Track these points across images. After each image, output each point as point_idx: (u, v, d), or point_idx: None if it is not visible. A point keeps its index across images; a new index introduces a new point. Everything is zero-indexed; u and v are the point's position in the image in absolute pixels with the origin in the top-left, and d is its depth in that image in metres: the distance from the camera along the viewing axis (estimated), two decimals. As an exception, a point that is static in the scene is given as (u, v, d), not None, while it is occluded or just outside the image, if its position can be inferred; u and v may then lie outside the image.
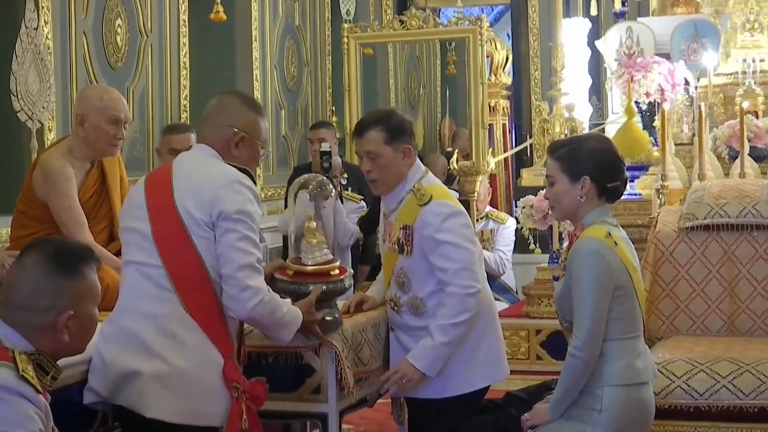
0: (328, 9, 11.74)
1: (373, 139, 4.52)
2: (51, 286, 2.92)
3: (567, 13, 11.63)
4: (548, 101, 10.08)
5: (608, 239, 3.94)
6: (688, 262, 5.50)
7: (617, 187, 4.07)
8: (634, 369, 3.95)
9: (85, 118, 4.73)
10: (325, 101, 11.61)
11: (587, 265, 3.90)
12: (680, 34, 9.18)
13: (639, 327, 4.04)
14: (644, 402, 4.01)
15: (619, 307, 3.93)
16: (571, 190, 4.03)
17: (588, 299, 3.88)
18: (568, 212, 4.12)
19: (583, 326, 3.88)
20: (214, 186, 3.71)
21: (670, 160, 7.31)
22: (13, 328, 2.90)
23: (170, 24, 8.60)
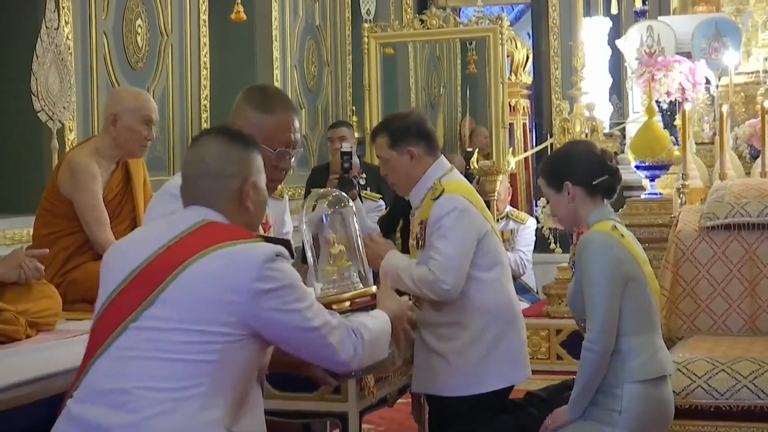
0: (349, 9, 11.75)
1: (380, 145, 4.68)
2: (234, 153, 2.97)
3: (587, 11, 11.61)
4: (569, 100, 10.05)
5: (614, 232, 3.96)
6: (709, 262, 5.48)
7: (606, 182, 4.07)
8: (656, 362, 3.94)
9: (119, 117, 4.75)
10: (345, 101, 11.62)
11: (596, 258, 3.91)
12: (701, 32, 9.14)
13: (655, 321, 4.03)
14: (663, 401, 3.99)
15: (632, 300, 3.93)
16: (560, 200, 4.09)
17: (599, 291, 3.88)
18: (569, 221, 4.17)
19: (596, 319, 3.88)
20: None
21: (691, 159, 7.29)
22: (207, 206, 2.94)
23: (191, 24, 8.62)
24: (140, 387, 2.72)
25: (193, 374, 2.74)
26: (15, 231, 6.37)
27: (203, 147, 3.01)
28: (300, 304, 2.86)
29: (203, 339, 2.75)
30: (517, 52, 13.74)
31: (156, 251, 2.85)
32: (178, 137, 8.47)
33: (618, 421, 3.89)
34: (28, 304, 3.96)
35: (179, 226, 2.90)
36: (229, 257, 2.80)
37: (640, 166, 7.55)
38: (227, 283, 2.78)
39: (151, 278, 2.81)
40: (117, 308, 2.83)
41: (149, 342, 2.76)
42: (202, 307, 2.76)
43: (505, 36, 9.38)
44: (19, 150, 6.80)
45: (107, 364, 2.80)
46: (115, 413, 2.72)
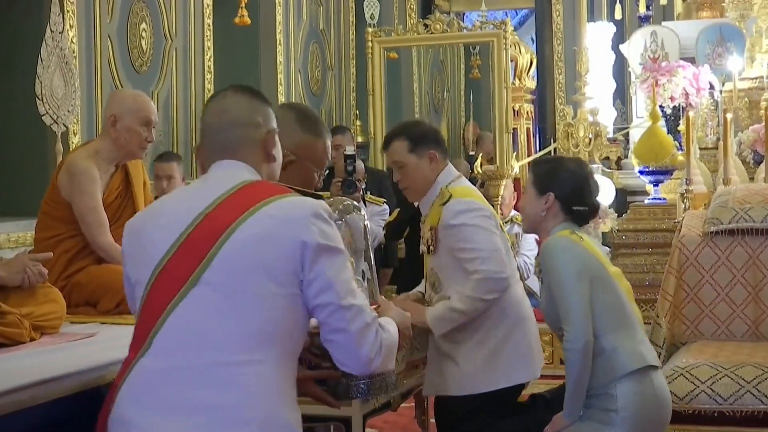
0: (352, 13, 11.76)
1: (398, 150, 4.68)
2: (257, 105, 3.02)
3: (591, 17, 11.63)
4: (572, 105, 10.06)
5: (574, 235, 4.08)
6: (712, 267, 5.48)
7: (584, 212, 4.20)
8: (638, 354, 3.99)
9: (119, 118, 4.75)
10: (349, 105, 11.62)
11: (560, 259, 4.01)
12: (705, 38, 9.15)
13: (631, 317, 4.08)
14: (658, 395, 4.01)
15: (603, 299, 4.00)
16: (535, 203, 4.21)
17: (568, 289, 3.96)
18: (531, 224, 4.29)
19: (570, 317, 3.94)
20: None
21: (695, 164, 7.29)
22: (235, 157, 2.94)
23: (195, 28, 8.63)
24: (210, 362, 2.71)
25: (262, 342, 2.72)
26: (19, 234, 6.38)
27: (226, 99, 3.04)
28: (344, 273, 2.82)
29: (267, 302, 2.73)
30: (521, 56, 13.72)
31: (200, 214, 2.81)
32: (181, 141, 8.47)
33: (616, 420, 3.92)
34: (32, 308, 3.96)
35: (220, 187, 2.87)
36: (278, 213, 2.78)
37: (643, 171, 7.55)
38: (281, 238, 2.75)
39: (200, 244, 2.77)
40: (171, 275, 2.79)
41: (212, 309, 2.73)
42: (260, 268, 2.73)
43: (509, 41, 9.38)
44: (24, 153, 6.81)
45: (171, 336, 2.76)
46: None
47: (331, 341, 2.83)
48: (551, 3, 12.94)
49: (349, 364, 2.89)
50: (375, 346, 2.84)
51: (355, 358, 2.85)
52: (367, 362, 2.85)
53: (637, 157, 7.54)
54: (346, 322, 2.79)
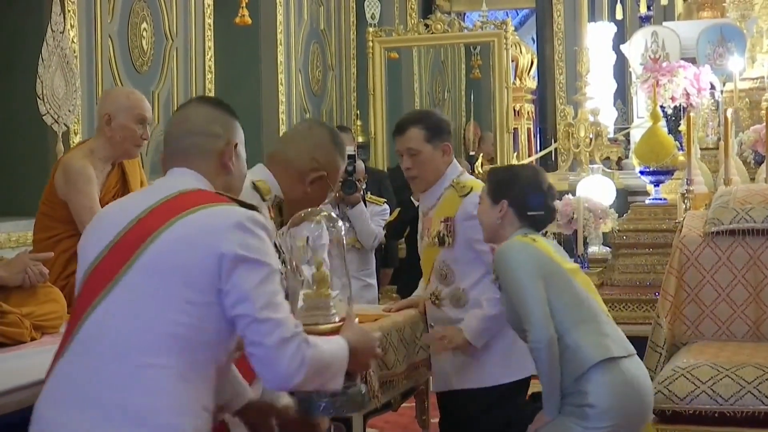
0: (353, 13, 11.76)
1: (414, 137, 4.66)
2: (219, 116, 3.01)
3: (592, 17, 11.63)
4: (573, 105, 10.06)
5: (525, 237, 4.12)
6: (713, 267, 5.47)
7: (539, 217, 4.23)
8: (603, 346, 4.00)
9: (113, 117, 4.75)
10: (349, 105, 11.63)
11: (512, 261, 4.04)
12: (706, 38, 9.14)
13: (593, 312, 4.09)
14: (630, 382, 4.02)
15: (561, 295, 4.03)
16: (490, 212, 4.24)
17: (524, 290, 3.99)
18: (488, 232, 4.30)
19: (530, 316, 3.97)
20: None
21: (696, 164, 7.28)
22: (188, 165, 2.94)
23: (195, 28, 8.63)
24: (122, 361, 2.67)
25: (170, 347, 2.67)
26: (20, 234, 6.38)
27: (189, 109, 3.07)
28: (265, 286, 2.74)
29: (179, 308, 2.68)
30: (522, 57, 13.76)
31: (134, 219, 2.80)
32: (182, 141, 8.46)
33: (591, 415, 3.94)
34: (33, 307, 3.97)
35: (158, 194, 2.87)
36: (202, 221, 2.75)
37: (644, 172, 7.53)
38: (201, 246, 2.71)
39: (128, 248, 2.76)
40: (98, 276, 2.78)
41: (127, 310, 2.70)
42: (177, 273, 2.70)
43: (510, 41, 9.40)
44: (24, 153, 6.81)
45: (88, 337, 2.73)
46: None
47: (251, 355, 2.75)
48: (552, 3, 12.95)
49: (269, 379, 2.80)
50: (294, 361, 2.72)
51: (273, 372, 2.75)
52: (285, 378, 2.74)
53: (638, 158, 7.53)
54: (262, 336, 2.71)
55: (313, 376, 2.79)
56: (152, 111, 8.02)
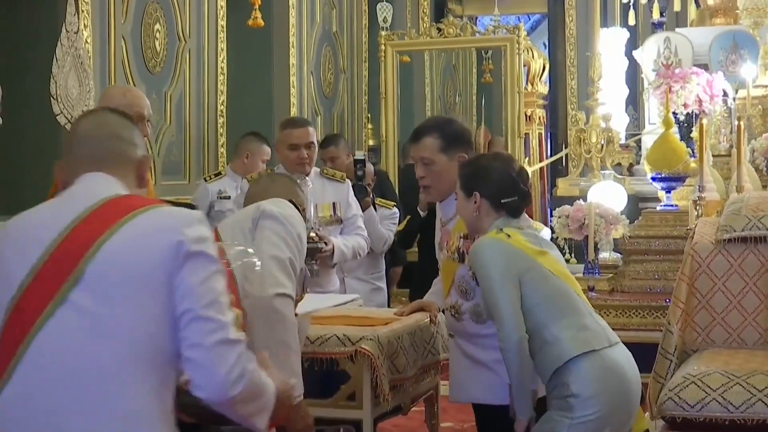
0: (366, 16, 11.77)
1: (428, 146, 4.57)
2: (134, 128, 2.86)
3: (604, 22, 11.61)
4: (585, 111, 10.06)
5: (499, 234, 4.10)
6: (725, 275, 5.45)
7: (514, 203, 4.21)
8: (581, 339, 4.01)
9: None
10: (361, 108, 11.63)
11: (485, 261, 4.04)
12: (719, 45, 9.13)
13: (572, 305, 4.10)
14: (611, 368, 4.03)
15: (537, 292, 4.03)
16: (466, 205, 4.23)
17: (495, 288, 4.00)
18: (469, 227, 4.30)
19: (500, 317, 3.98)
20: None
21: (708, 171, 7.27)
22: (111, 172, 2.74)
23: (208, 29, 8.64)
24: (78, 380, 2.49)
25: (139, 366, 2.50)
26: (31, 233, 6.38)
27: (103, 115, 2.88)
28: (212, 283, 2.58)
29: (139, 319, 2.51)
30: (534, 61, 13.75)
31: (62, 232, 2.57)
32: (194, 142, 8.49)
33: (576, 405, 3.94)
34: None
35: (81, 203, 2.63)
36: (150, 221, 2.59)
37: (656, 178, 7.53)
38: (156, 245, 2.55)
39: (66, 261, 2.54)
40: (32, 297, 2.53)
41: (80, 329, 2.49)
42: (132, 282, 2.52)
43: (522, 46, 9.40)
44: (38, 153, 6.82)
45: (36, 363, 2.51)
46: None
47: (188, 360, 2.54)
48: (564, 8, 12.93)
49: (204, 386, 2.54)
50: (236, 369, 2.53)
51: (210, 378, 2.53)
52: (223, 386, 2.52)
53: (650, 164, 7.53)
54: (202, 335, 2.52)
55: (248, 397, 2.59)
56: (164, 112, 8.08)
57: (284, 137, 5.89)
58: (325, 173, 6.04)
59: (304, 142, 5.80)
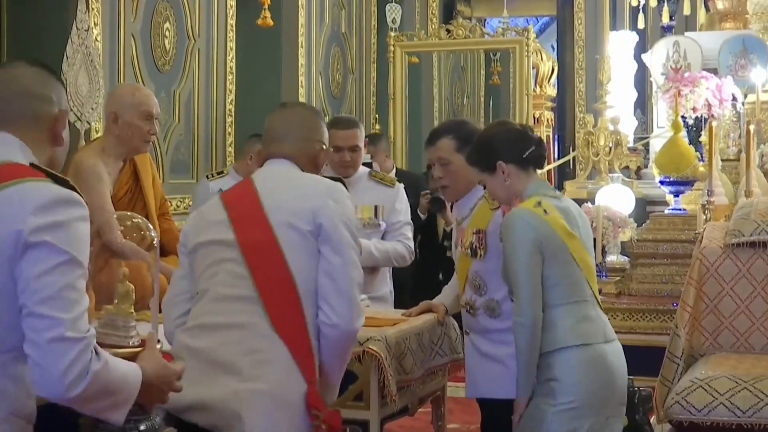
0: (375, 17, 11.77)
1: (445, 147, 4.64)
2: (50, 80, 2.72)
3: (614, 25, 11.61)
4: (593, 114, 10.05)
5: (537, 209, 4.06)
6: (733, 279, 5.45)
7: (534, 153, 4.17)
8: (579, 332, 4.02)
9: (119, 115, 4.75)
10: (369, 109, 11.63)
11: (514, 233, 4.03)
12: (728, 49, 9.13)
13: (582, 292, 4.10)
14: (598, 359, 4.04)
15: (556, 272, 4.03)
16: (496, 182, 4.19)
17: (519, 265, 4.00)
18: (508, 199, 4.25)
19: (519, 292, 4.00)
20: (321, 192, 3.45)
21: (717, 175, 7.26)
22: (14, 132, 2.61)
23: (218, 29, 8.65)
24: None
25: None
26: (40, 230, 6.40)
27: (15, 69, 2.72)
28: (52, 276, 2.43)
29: None
30: (543, 64, 13.76)
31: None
32: (202, 141, 8.49)
33: (557, 389, 3.96)
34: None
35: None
36: (9, 196, 2.46)
37: (664, 182, 7.52)
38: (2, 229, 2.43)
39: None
40: None
41: None
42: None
43: (531, 48, 9.40)
44: (46, 149, 6.82)
45: None
46: None
47: (28, 356, 2.44)
48: (573, 11, 12.94)
49: (41, 385, 2.44)
50: (75, 369, 2.39)
51: (46, 376, 2.41)
52: (61, 384, 2.39)
53: (658, 167, 7.52)
54: (35, 332, 2.40)
55: (96, 396, 2.46)
56: (173, 110, 8.09)
57: (329, 137, 5.69)
58: (373, 176, 5.75)
59: (348, 145, 5.56)
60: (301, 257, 3.34)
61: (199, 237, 3.51)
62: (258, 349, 3.27)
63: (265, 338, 3.27)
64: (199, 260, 3.48)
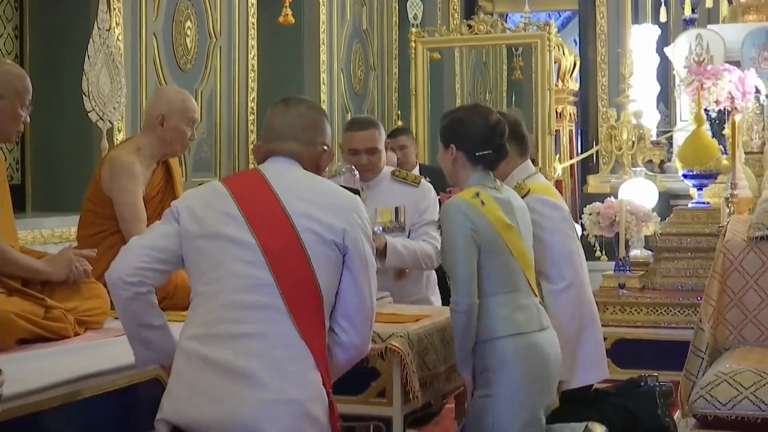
0: (396, 13, 11.76)
1: None
2: None
3: (636, 19, 11.57)
4: (616, 108, 10.02)
5: (474, 199, 4.14)
6: (757, 272, 5.42)
7: (487, 156, 4.23)
8: (513, 321, 4.11)
9: (167, 118, 4.76)
10: (391, 105, 11.62)
11: (451, 223, 4.11)
12: (751, 41, 9.09)
13: (516, 282, 4.18)
14: (532, 347, 4.13)
15: (490, 262, 4.12)
16: (444, 157, 4.30)
17: (455, 254, 4.09)
18: (449, 177, 4.37)
19: (456, 280, 4.09)
20: (346, 206, 3.34)
21: (740, 168, 7.23)
22: None
23: (239, 27, 8.66)
24: None
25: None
26: (63, 229, 6.42)
27: None
28: None
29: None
30: (565, 58, 13.71)
31: None
32: (225, 139, 8.50)
33: (494, 379, 4.09)
34: (77, 302, 4.01)
35: None
36: None
37: (687, 175, 7.50)
38: None
39: None
40: None
41: None
42: None
43: (552, 42, 9.36)
44: (69, 149, 6.85)
45: None
46: None
47: None
48: (595, 5, 12.89)
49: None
50: None
51: None
52: None
53: (682, 161, 7.50)
54: None
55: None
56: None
57: (345, 140, 5.41)
58: (396, 175, 5.45)
59: (364, 147, 5.29)
60: (324, 267, 3.23)
61: (202, 223, 3.29)
62: (284, 360, 3.13)
63: (289, 348, 3.14)
64: (202, 253, 3.27)
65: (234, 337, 3.14)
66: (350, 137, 5.34)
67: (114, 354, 3.60)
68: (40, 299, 3.87)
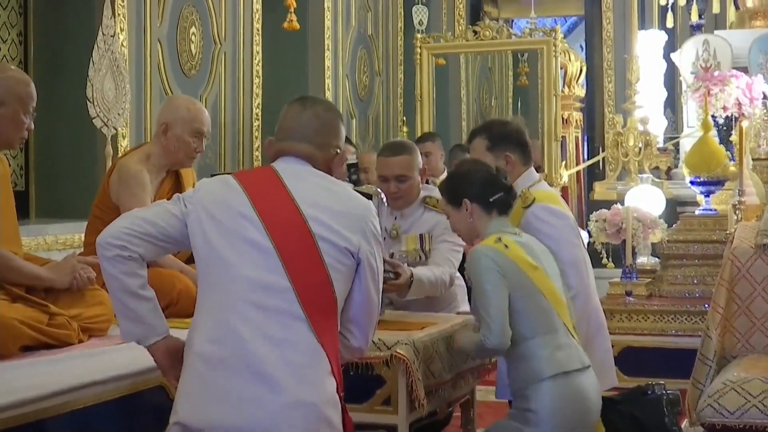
0: (401, 19, 11.75)
1: (477, 147, 4.69)
2: None
3: (642, 25, 11.55)
4: (622, 114, 10.00)
5: (498, 244, 4.16)
6: (765, 279, 5.40)
7: (500, 198, 4.28)
8: (555, 360, 4.08)
9: (170, 127, 4.74)
10: (396, 111, 11.61)
11: (478, 269, 4.11)
12: (758, 47, 9.07)
13: (552, 323, 4.17)
14: (574, 394, 4.10)
15: (521, 304, 4.11)
16: (459, 216, 4.33)
17: (485, 297, 4.08)
18: (469, 236, 4.41)
19: (488, 320, 4.06)
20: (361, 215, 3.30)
21: (748, 175, 7.20)
22: None
23: (244, 32, 8.65)
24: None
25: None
26: (67, 236, 6.41)
27: None
28: None
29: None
30: (571, 64, 13.67)
31: None
32: (229, 145, 8.49)
33: (533, 420, 4.04)
34: (80, 309, 3.99)
35: None
36: None
37: (694, 182, 7.47)
38: None
39: None
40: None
41: None
42: None
43: (558, 48, 9.35)
44: (73, 156, 6.84)
45: None
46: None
47: None
48: (601, 10, 12.88)
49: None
50: None
51: None
52: None
53: (689, 167, 7.47)
54: None
55: None
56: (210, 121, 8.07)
57: (377, 164, 5.25)
58: (427, 203, 5.20)
59: (394, 174, 5.09)
60: (338, 275, 3.20)
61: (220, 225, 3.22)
62: (303, 365, 3.10)
63: (308, 354, 3.11)
64: (217, 252, 3.20)
65: (254, 342, 3.09)
66: (381, 163, 5.18)
67: (118, 361, 3.59)
68: (44, 306, 3.85)
